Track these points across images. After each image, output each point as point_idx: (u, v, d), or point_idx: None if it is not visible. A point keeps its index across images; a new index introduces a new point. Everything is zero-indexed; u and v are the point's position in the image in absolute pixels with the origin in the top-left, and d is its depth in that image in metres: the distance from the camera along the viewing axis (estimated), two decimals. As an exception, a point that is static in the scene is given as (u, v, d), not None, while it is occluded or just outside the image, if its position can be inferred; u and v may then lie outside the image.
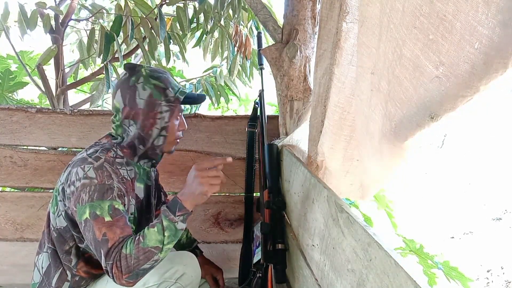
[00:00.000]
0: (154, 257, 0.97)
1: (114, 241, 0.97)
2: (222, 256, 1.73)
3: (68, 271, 1.11)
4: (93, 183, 1.02)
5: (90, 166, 1.04)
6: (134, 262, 0.95)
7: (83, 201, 1.00)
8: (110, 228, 0.98)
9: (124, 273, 0.95)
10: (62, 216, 1.09)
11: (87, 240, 1.01)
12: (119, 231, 0.99)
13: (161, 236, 0.97)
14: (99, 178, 1.03)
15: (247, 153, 1.58)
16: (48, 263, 1.12)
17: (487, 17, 0.46)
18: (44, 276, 1.12)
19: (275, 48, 1.43)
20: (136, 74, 1.13)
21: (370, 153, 0.83)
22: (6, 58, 2.69)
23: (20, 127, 1.63)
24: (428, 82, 0.55)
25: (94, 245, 0.99)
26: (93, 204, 0.99)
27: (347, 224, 0.72)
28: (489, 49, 0.46)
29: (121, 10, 1.92)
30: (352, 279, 0.67)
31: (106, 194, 1.01)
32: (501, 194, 6.12)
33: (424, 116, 0.57)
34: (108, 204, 1.00)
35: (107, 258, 0.96)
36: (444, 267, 1.69)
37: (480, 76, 0.49)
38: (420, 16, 0.55)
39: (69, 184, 1.05)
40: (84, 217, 1.00)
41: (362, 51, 0.78)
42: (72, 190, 1.03)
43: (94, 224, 0.98)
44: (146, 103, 1.12)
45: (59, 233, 1.10)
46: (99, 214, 0.99)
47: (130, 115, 1.13)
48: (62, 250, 1.10)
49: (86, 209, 0.99)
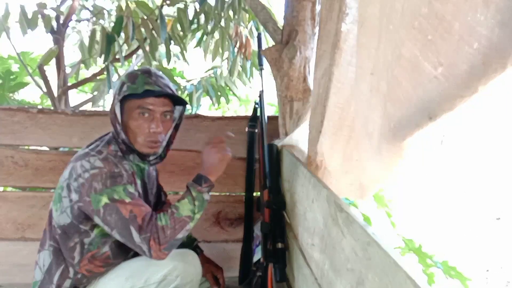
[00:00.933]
0: (186, 226, 1.02)
1: (142, 216, 1.00)
2: (222, 255, 1.74)
3: (71, 268, 1.11)
4: (103, 171, 1.04)
5: (96, 158, 1.06)
6: (170, 232, 0.99)
7: (97, 189, 1.02)
8: (134, 206, 1.01)
9: (162, 244, 0.98)
10: (66, 213, 1.09)
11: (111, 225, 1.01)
12: (143, 208, 1.02)
13: (192, 206, 1.04)
14: (108, 167, 1.05)
15: (247, 153, 1.58)
16: (50, 260, 1.12)
17: (486, 17, 0.46)
18: (45, 274, 1.12)
19: (275, 49, 1.43)
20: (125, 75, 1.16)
21: (369, 153, 0.83)
22: (7, 58, 2.69)
23: (21, 127, 1.63)
24: (427, 82, 0.56)
25: (121, 225, 0.99)
26: (109, 190, 1.02)
27: (346, 224, 0.72)
28: (488, 49, 0.47)
29: (122, 11, 1.92)
30: (352, 278, 0.68)
31: (118, 179, 1.04)
32: (501, 194, 6.11)
33: (423, 116, 0.58)
34: (123, 187, 1.03)
35: (141, 232, 0.98)
36: (443, 266, 1.70)
37: (479, 77, 0.49)
38: (419, 17, 0.55)
39: (75, 178, 1.05)
40: (102, 203, 1.01)
41: (362, 52, 0.78)
42: (81, 182, 1.04)
43: (117, 205, 1.00)
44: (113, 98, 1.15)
45: (63, 230, 1.10)
46: (118, 198, 1.01)
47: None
48: (66, 247, 1.10)
49: (103, 196, 1.01)
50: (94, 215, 1.04)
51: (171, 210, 1.03)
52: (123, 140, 1.14)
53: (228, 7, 2.18)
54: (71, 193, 1.07)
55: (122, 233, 1.01)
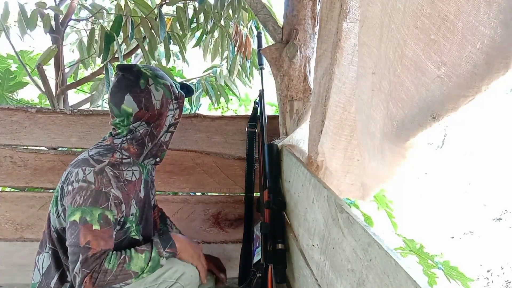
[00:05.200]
0: (128, 280, 1.02)
1: (95, 251, 0.98)
2: (222, 256, 1.73)
3: (68, 273, 1.10)
4: (90, 188, 1.02)
5: (91, 170, 1.04)
6: (111, 278, 0.99)
7: (76, 203, 1.01)
8: (95, 237, 0.99)
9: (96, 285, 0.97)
10: (61, 217, 1.09)
11: (68, 240, 1.01)
12: (103, 243, 1.00)
13: (145, 265, 1.04)
14: (97, 184, 1.03)
15: (247, 153, 1.58)
16: (49, 263, 1.12)
17: (488, 17, 0.46)
18: (43, 277, 1.12)
19: (275, 48, 1.43)
20: (141, 76, 1.13)
21: (371, 153, 0.83)
22: (6, 58, 2.68)
23: (20, 127, 1.63)
24: (429, 82, 0.55)
25: (73, 249, 0.99)
26: (85, 209, 1.00)
27: (347, 224, 0.72)
28: (491, 49, 0.46)
29: (121, 10, 1.92)
30: (352, 279, 0.67)
31: (100, 201, 1.01)
32: (501, 194, 6.12)
33: (426, 116, 0.57)
34: (100, 212, 1.01)
35: (84, 265, 0.97)
36: (444, 267, 1.69)
37: (482, 76, 0.48)
38: (421, 16, 0.54)
39: (67, 183, 1.05)
40: (72, 218, 1.00)
41: (363, 51, 0.78)
42: (69, 189, 1.04)
43: (81, 229, 0.99)
44: (160, 104, 1.14)
45: (59, 234, 1.10)
46: (88, 221, 0.99)
47: (144, 117, 1.12)
48: (63, 251, 1.10)
49: (77, 212, 1.00)
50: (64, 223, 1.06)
51: (125, 257, 1.03)
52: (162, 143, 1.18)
53: (228, 6, 2.17)
54: (63, 197, 1.07)
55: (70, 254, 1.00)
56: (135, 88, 1.11)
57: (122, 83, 1.13)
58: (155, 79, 1.14)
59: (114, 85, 1.14)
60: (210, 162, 1.70)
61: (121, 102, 1.11)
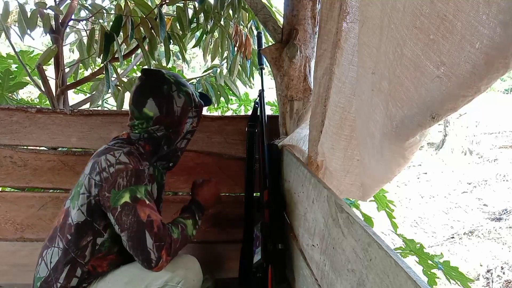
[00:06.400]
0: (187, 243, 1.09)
1: (158, 223, 1.02)
2: (222, 256, 1.73)
3: (79, 268, 1.10)
4: (128, 167, 1.05)
5: (120, 152, 1.07)
6: (178, 246, 1.05)
7: (121, 186, 1.03)
8: (151, 210, 1.03)
9: (170, 255, 1.01)
10: (81, 211, 1.09)
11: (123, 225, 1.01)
12: (158, 214, 1.05)
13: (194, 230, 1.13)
14: (133, 163, 1.06)
15: (247, 153, 1.58)
16: (57, 258, 1.11)
17: (488, 17, 0.46)
18: (51, 271, 1.11)
19: (275, 48, 1.43)
20: (165, 82, 1.16)
21: (371, 153, 0.83)
22: (6, 58, 2.68)
23: (20, 127, 1.63)
24: (429, 82, 0.55)
25: (136, 227, 1.00)
26: (132, 188, 1.03)
27: (347, 224, 0.72)
28: (490, 49, 0.46)
29: (121, 10, 1.91)
30: (352, 279, 0.67)
31: (141, 178, 1.06)
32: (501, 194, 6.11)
33: (425, 116, 0.57)
34: (145, 188, 1.05)
35: (156, 240, 0.99)
36: (444, 267, 1.69)
37: (481, 76, 0.48)
38: (420, 16, 0.54)
39: (98, 172, 1.06)
40: (122, 201, 1.01)
41: (363, 51, 0.78)
42: (104, 176, 1.04)
43: (137, 207, 1.01)
44: (181, 110, 1.18)
45: (77, 228, 1.10)
46: (139, 197, 1.02)
47: (164, 122, 1.17)
48: (77, 245, 1.10)
49: (125, 193, 1.02)
50: (108, 212, 1.04)
51: (181, 225, 1.08)
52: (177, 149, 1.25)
53: (228, 6, 2.17)
54: (91, 188, 1.07)
55: (133, 236, 1.00)
56: (158, 93, 1.15)
57: (145, 87, 1.16)
58: (178, 86, 1.18)
59: (137, 88, 1.17)
60: (210, 162, 1.70)
61: (143, 105, 1.15)
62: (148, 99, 1.14)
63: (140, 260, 1.01)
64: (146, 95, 1.15)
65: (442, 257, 1.76)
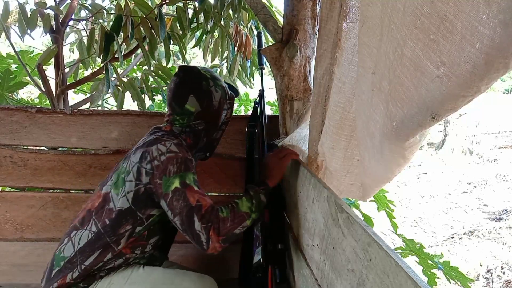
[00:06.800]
0: (243, 223, 1.06)
1: (207, 206, 1.03)
2: (222, 255, 1.73)
3: (110, 253, 1.11)
4: (178, 156, 1.09)
5: (171, 142, 1.12)
6: (230, 224, 1.03)
7: (171, 173, 1.06)
8: (200, 196, 1.05)
9: (221, 235, 1.01)
10: (126, 198, 1.10)
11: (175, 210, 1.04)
12: (207, 198, 1.06)
13: (250, 203, 1.08)
14: (182, 153, 1.10)
15: (247, 153, 1.58)
16: (87, 241, 1.12)
17: (488, 17, 0.46)
18: (77, 252, 1.11)
19: (275, 48, 1.43)
20: (202, 78, 1.23)
21: (371, 153, 0.83)
22: (6, 58, 2.68)
23: (20, 127, 1.63)
24: (429, 82, 0.55)
25: (186, 212, 1.02)
26: (182, 174, 1.06)
27: (347, 224, 0.72)
28: (490, 49, 0.46)
29: (121, 10, 1.91)
30: (352, 279, 0.67)
31: (190, 166, 1.09)
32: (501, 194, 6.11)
33: (425, 116, 0.57)
34: (193, 176, 1.09)
35: (203, 221, 1.01)
36: (444, 267, 1.69)
37: (481, 76, 0.48)
38: (421, 16, 0.54)
39: (149, 161, 1.09)
40: (172, 187, 1.05)
41: (363, 51, 0.78)
42: (156, 164, 1.08)
43: (187, 192, 1.04)
44: (218, 104, 1.25)
45: (119, 215, 1.11)
46: (188, 183, 1.06)
47: (204, 117, 1.23)
48: (115, 232, 1.11)
49: (175, 180, 1.05)
50: (161, 199, 1.07)
51: (231, 204, 1.07)
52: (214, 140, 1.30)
53: (228, 6, 2.17)
54: (141, 176, 1.09)
55: (184, 220, 1.03)
56: (198, 89, 1.21)
57: (185, 84, 1.23)
58: (214, 80, 1.24)
59: (177, 85, 1.23)
60: (210, 162, 1.70)
61: (184, 101, 1.21)
62: (189, 96, 1.21)
63: (194, 244, 1.04)
64: (186, 91, 1.21)
65: (442, 257, 1.76)
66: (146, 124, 1.66)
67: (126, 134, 1.67)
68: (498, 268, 4.10)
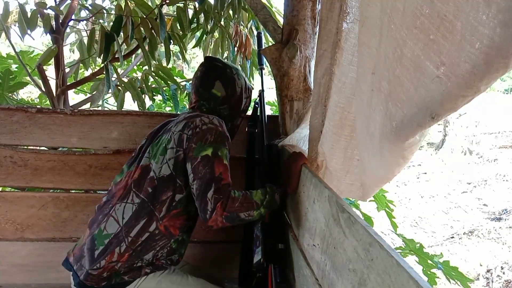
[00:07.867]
0: (251, 211, 1.08)
1: (226, 181, 1.07)
2: (222, 255, 1.73)
3: (154, 222, 1.13)
4: (218, 129, 1.14)
5: (214, 117, 1.18)
6: (238, 205, 1.06)
7: (207, 141, 1.11)
8: (225, 170, 1.09)
9: (225, 211, 1.04)
10: (167, 164, 1.14)
11: (198, 174, 1.07)
12: (229, 176, 1.10)
13: (263, 197, 1.11)
14: (222, 128, 1.15)
15: (247, 153, 1.58)
16: (131, 213, 1.13)
17: (487, 17, 0.46)
18: (124, 226, 1.13)
19: (275, 48, 1.43)
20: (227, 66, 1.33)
21: (371, 153, 0.83)
22: (6, 58, 2.68)
23: (20, 127, 1.63)
24: (429, 82, 0.55)
25: (207, 179, 1.06)
26: (217, 146, 1.11)
27: (348, 224, 0.72)
28: (490, 49, 0.46)
29: (121, 10, 1.91)
30: (353, 279, 0.68)
31: (226, 142, 1.14)
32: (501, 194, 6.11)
33: (425, 116, 0.57)
34: (226, 151, 1.13)
35: (217, 192, 1.04)
36: (444, 267, 1.70)
37: (481, 76, 0.49)
38: (420, 16, 0.55)
39: (191, 128, 1.14)
40: (204, 153, 1.09)
41: (363, 51, 0.78)
42: (196, 131, 1.13)
43: (215, 162, 1.08)
44: (241, 91, 1.34)
45: (161, 182, 1.14)
46: (220, 155, 1.10)
47: (229, 101, 1.31)
48: (157, 199, 1.13)
49: (209, 147, 1.10)
50: (188, 162, 1.11)
51: (245, 191, 1.11)
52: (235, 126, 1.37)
53: (228, 6, 2.17)
54: (182, 142, 1.13)
55: (201, 185, 1.06)
56: (223, 76, 1.30)
57: (211, 70, 1.32)
58: (236, 70, 1.34)
59: (204, 72, 1.33)
60: (210, 162, 1.70)
61: (211, 87, 1.30)
62: (216, 81, 1.29)
63: (199, 210, 1.07)
64: (213, 77, 1.30)
65: (442, 257, 1.76)
66: (146, 124, 1.66)
67: (126, 134, 1.67)
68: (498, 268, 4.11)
